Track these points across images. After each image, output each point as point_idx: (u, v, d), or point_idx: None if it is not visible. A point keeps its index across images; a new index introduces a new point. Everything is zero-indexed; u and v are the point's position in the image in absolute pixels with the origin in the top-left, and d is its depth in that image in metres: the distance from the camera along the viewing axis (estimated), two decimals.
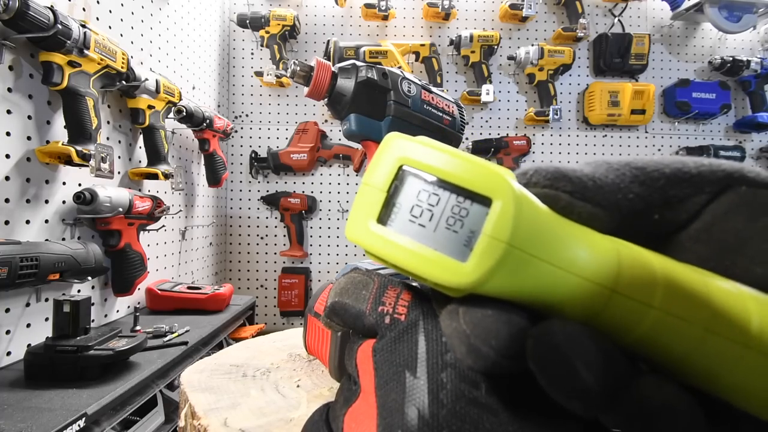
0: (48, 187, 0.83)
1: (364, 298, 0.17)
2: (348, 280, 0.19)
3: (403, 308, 0.16)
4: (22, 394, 0.61)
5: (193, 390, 0.35)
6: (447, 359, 0.14)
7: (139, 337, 0.74)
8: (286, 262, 1.86)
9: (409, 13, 1.87)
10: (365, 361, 0.16)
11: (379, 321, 0.16)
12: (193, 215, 1.51)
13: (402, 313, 0.16)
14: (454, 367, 0.14)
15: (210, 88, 1.66)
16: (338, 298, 0.18)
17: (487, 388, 0.13)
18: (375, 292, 0.17)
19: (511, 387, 0.13)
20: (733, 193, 0.15)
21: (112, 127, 1.03)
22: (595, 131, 1.92)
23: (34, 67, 0.79)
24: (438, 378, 0.13)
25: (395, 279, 0.18)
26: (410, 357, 0.14)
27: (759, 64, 1.81)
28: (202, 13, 1.57)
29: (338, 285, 0.19)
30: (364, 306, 0.17)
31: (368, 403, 0.15)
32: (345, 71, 0.53)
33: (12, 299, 0.74)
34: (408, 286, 0.17)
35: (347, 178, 1.87)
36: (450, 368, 0.14)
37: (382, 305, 0.16)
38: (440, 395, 0.13)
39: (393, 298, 0.17)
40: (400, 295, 0.17)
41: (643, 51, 1.82)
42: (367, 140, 0.55)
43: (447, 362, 0.14)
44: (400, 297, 0.17)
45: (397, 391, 0.14)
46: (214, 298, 1.16)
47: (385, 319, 0.16)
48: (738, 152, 1.84)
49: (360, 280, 0.18)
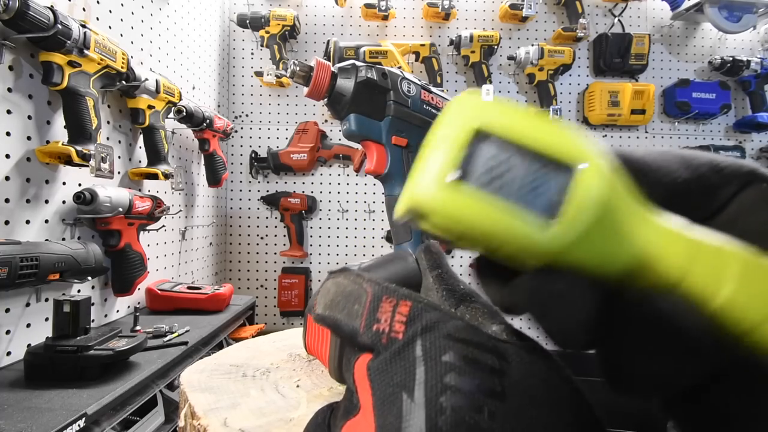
0: (48, 187, 0.83)
1: (357, 313, 0.16)
2: (337, 290, 0.17)
3: (401, 324, 0.15)
4: (22, 394, 0.61)
5: (193, 390, 0.35)
6: (447, 381, 0.13)
7: (139, 337, 0.74)
8: (286, 262, 1.86)
9: (409, 13, 1.87)
10: (362, 379, 0.15)
11: (374, 340, 0.15)
12: (193, 215, 1.52)
13: (399, 330, 0.15)
14: (454, 390, 0.13)
15: (210, 88, 1.66)
16: (328, 312, 0.17)
17: (490, 413, 0.12)
18: (368, 307, 0.16)
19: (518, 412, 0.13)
20: (754, 188, 0.16)
21: (112, 127, 1.03)
22: (595, 131, 1.92)
23: (34, 67, 0.79)
24: (437, 402, 0.13)
25: (389, 286, 0.16)
26: (408, 378, 0.14)
27: (759, 64, 1.81)
28: (202, 13, 1.58)
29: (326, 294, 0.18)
30: (357, 323, 0.16)
31: (367, 421, 0.14)
32: (345, 71, 0.53)
33: (12, 299, 0.74)
34: (405, 295, 0.16)
35: (347, 178, 1.87)
36: (450, 391, 0.13)
37: (377, 323, 0.15)
38: (439, 421, 0.12)
39: (389, 313, 0.15)
40: (396, 308, 0.15)
41: (643, 51, 1.82)
42: (366, 140, 0.55)
43: (447, 385, 0.13)
44: (396, 311, 0.15)
45: (394, 415, 0.13)
46: (214, 298, 1.16)
47: (382, 339, 0.15)
48: (738, 152, 1.84)
49: (351, 291, 0.17)
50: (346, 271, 0.18)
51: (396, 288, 0.16)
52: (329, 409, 0.19)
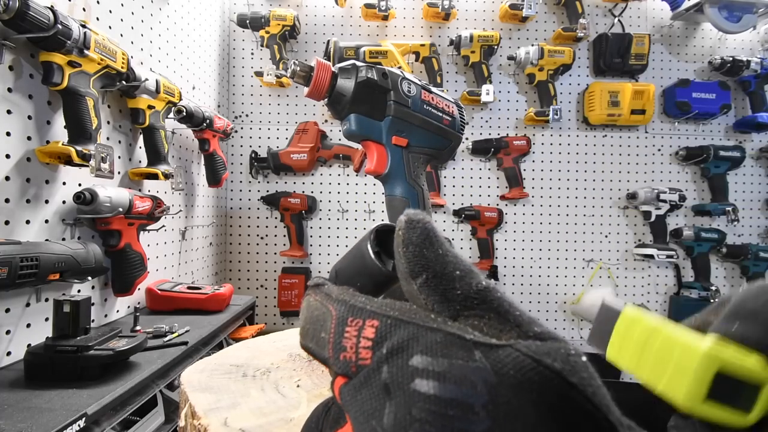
0: (48, 187, 0.83)
1: (324, 342, 0.15)
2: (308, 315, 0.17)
3: (367, 350, 0.14)
4: (22, 394, 0.61)
5: (193, 390, 0.35)
6: (414, 414, 0.12)
7: (139, 337, 0.74)
8: (286, 262, 1.86)
9: (409, 13, 1.87)
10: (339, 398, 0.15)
11: (345, 370, 0.14)
12: (193, 215, 1.51)
13: (366, 357, 0.14)
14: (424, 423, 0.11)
15: (210, 88, 1.66)
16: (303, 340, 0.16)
17: None
18: (334, 332, 0.15)
19: None
20: None
21: (112, 127, 1.03)
22: (595, 131, 1.92)
23: (34, 67, 0.79)
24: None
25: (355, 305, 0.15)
26: (376, 407, 0.13)
27: (759, 64, 1.81)
28: (202, 13, 1.57)
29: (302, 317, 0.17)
30: (326, 352, 0.15)
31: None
32: (345, 71, 0.53)
33: (12, 299, 0.74)
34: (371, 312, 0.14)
35: (347, 178, 1.87)
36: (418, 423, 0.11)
37: (343, 351, 0.14)
38: None
39: (354, 339, 0.14)
40: (362, 332, 0.14)
41: (643, 51, 1.82)
42: (367, 140, 0.55)
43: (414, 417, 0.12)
44: (361, 335, 0.14)
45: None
46: (214, 298, 1.16)
47: (351, 368, 0.14)
48: (738, 152, 1.84)
49: (317, 316, 0.16)
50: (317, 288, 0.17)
51: (363, 304, 0.15)
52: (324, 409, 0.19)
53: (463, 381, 0.12)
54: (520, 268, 1.91)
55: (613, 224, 1.92)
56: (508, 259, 1.90)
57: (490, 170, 1.91)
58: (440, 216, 1.88)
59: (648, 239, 1.89)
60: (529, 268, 1.91)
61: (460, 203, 1.89)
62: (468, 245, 1.89)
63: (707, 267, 1.86)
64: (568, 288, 1.91)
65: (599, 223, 1.92)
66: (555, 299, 1.91)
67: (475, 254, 1.87)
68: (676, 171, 1.93)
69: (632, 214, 1.92)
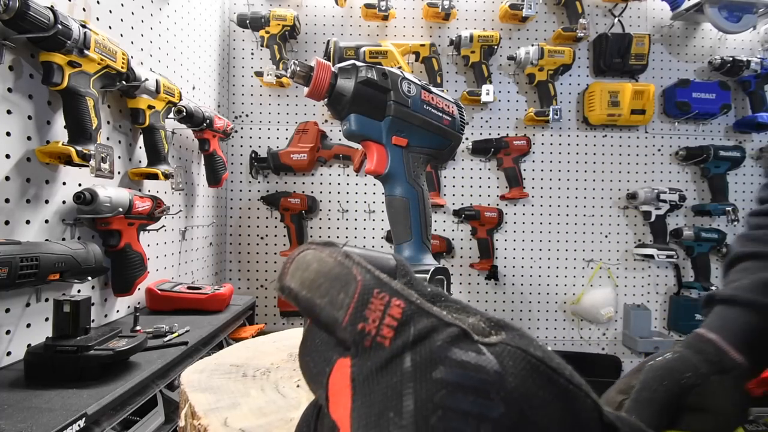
0: (48, 187, 0.83)
1: (342, 304, 0.14)
2: (320, 269, 0.15)
3: (390, 330, 0.13)
4: (22, 394, 0.61)
5: (193, 390, 0.35)
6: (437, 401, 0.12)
7: (139, 337, 0.74)
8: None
9: (409, 13, 1.87)
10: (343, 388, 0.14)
11: (357, 339, 0.14)
12: (193, 215, 1.51)
13: (387, 336, 0.13)
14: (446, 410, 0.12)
15: (210, 88, 1.66)
16: (306, 292, 0.15)
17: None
18: (357, 300, 0.14)
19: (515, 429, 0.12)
20: None
21: (112, 127, 1.03)
22: (595, 131, 1.92)
23: (34, 67, 0.79)
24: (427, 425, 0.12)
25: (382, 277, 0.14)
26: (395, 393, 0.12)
27: (759, 64, 1.81)
28: (202, 13, 1.57)
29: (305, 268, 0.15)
30: (340, 315, 0.14)
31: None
32: (345, 71, 0.53)
33: (12, 299, 0.74)
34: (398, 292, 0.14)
35: (347, 178, 1.87)
36: (441, 411, 0.12)
37: (363, 321, 0.14)
38: None
39: (379, 313, 0.14)
40: (387, 309, 0.14)
41: (643, 51, 1.82)
42: (367, 140, 0.55)
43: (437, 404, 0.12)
44: (387, 312, 0.14)
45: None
46: (214, 298, 1.16)
47: (365, 341, 0.13)
48: (738, 152, 1.84)
49: (337, 275, 0.15)
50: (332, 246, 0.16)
51: (389, 280, 0.15)
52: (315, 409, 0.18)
53: (480, 370, 0.13)
54: (520, 268, 1.91)
55: (613, 224, 1.92)
56: (508, 259, 1.90)
57: (490, 170, 1.91)
58: (440, 216, 1.88)
59: (648, 239, 1.89)
60: (529, 268, 1.91)
61: (460, 203, 1.89)
62: (468, 245, 1.89)
63: (707, 267, 1.86)
64: (568, 288, 1.91)
65: (599, 223, 1.92)
66: (555, 299, 1.91)
67: (475, 254, 1.87)
68: (676, 171, 1.93)
69: (632, 214, 1.92)
